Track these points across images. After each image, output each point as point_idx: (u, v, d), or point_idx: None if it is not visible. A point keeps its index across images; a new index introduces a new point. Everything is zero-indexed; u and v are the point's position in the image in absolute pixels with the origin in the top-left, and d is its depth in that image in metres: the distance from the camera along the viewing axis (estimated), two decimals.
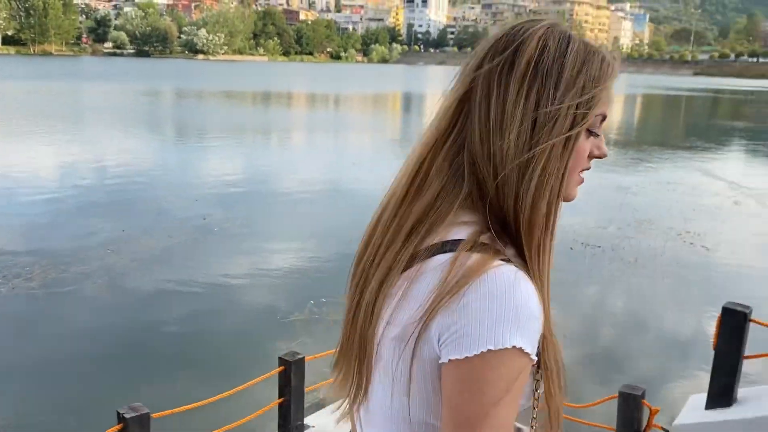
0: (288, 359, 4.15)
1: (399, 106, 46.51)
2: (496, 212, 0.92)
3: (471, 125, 0.92)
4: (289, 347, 6.75)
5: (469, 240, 0.89)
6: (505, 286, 0.85)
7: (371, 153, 21.65)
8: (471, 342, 0.83)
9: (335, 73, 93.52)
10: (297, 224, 12.23)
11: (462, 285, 0.85)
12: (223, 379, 6.03)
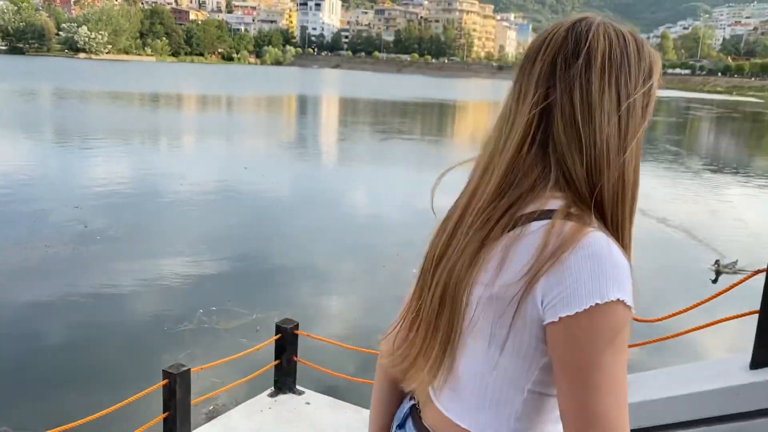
0: (172, 372, 3.99)
1: (294, 109, 46.14)
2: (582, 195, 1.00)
3: (554, 123, 1.00)
4: (177, 359, 6.52)
5: (562, 210, 0.97)
6: (602, 248, 0.93)
7: (264, 157, 21.33)
8: (578, 298, 0.91)
9: (227, 75, 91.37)
10: (186, 231, 11.83)
11: (563, 250, 0.92)
12: (105, 395, 5.72)
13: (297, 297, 8.72)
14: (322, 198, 15.39)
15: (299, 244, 11.35)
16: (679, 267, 11.14)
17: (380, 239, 11.76)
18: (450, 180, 1.17)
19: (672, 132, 42.70)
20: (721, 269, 10.40)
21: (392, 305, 7.35)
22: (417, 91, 74.64)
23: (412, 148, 26.43)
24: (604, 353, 0.91)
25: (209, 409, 5.48)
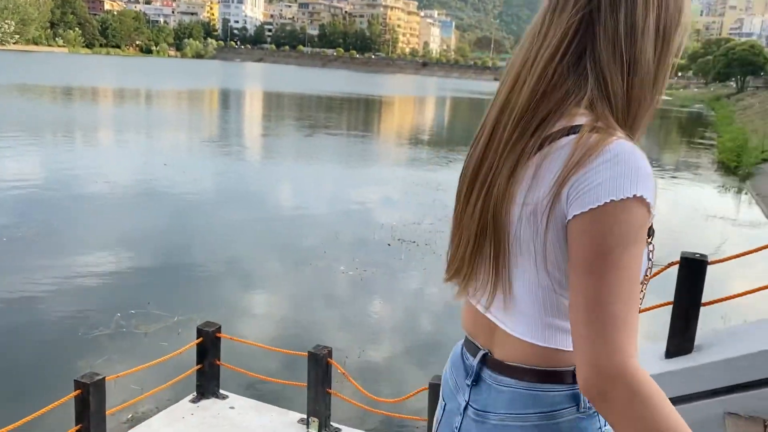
0: (85, 381, 3.80)
1: (216, 103, 45.08)
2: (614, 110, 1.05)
3: (596, 38, 1.05)
4: (93, 365, 6.23)
5: (589, 124, 1.02)
6: (626, 152, 0.98)
7: (185, 153, 20.73)
8: (593, 196, 0.96)
9: (146, 68, 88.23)
10: (103, 230, 11.33)
11: (588, 155, 0.98)
12: (14, 407, 5.40)
13: (220, 298, 8.51)
14: (246, 195, 15.09)
15: (222, 242, 11.08)
16: None
17: (306, 236, 11.64)
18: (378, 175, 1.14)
19: None
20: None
21: (319, 303, 7.36)
22: (342, 86, 74.45)
23: (338, 143, 26.33)
24: (616, 250, 0.94)
25: (128, 418, 5.25)
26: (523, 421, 1.11)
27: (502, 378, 1.15)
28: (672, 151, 33.05)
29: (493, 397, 1.16)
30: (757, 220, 15.67)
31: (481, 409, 1.17)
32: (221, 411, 4.70)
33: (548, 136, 1.04)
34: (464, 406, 1.21)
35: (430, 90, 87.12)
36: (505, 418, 1.13)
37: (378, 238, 11.64)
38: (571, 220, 0.98)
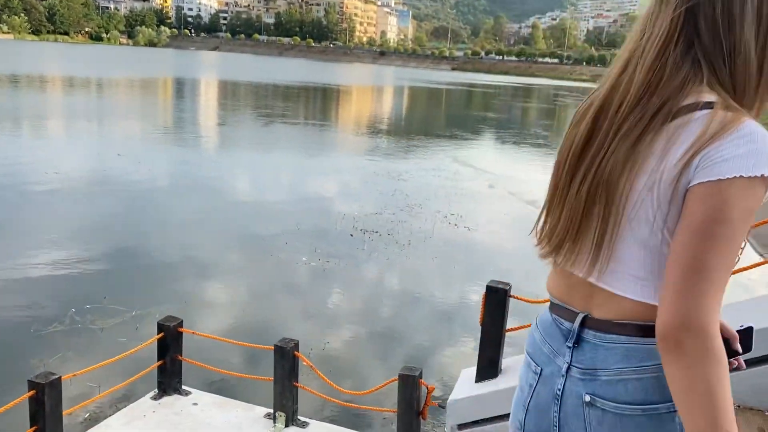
0: (40, 381, 3.62)
1: (170, 92, 44.07)
2: (728, 92, 1.14)
3: (700, 27, 1.13)
4: (47, 364, 6.00)
5: (721, 102, 1.10)
6: (759, 133, 1.06)
7: (139, 143, 20.18)
8: (724, 168, 1.04)
9: (96, 56, 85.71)
10: (54, 223, 10.93)
11: (724, 130, 1.06)
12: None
13: (179, 291, 8.30)
14: (203, 185, 14.79)
15: (179, 234, 10.82)
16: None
17: (265, 227, 11.46)
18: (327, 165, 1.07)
19: (543, 118, 45.00)
20: None
21: (281, 295, 7.24)
22: (299, 74, 73.71)
23: (296, 132, 26.05)
24: (733, 221, 1.04)
25: (85, 418, 5.07)
26: (641, 374, 1.18)
27: (609, 336, 1.22)
28: None
29: (601, 355, 1.22)
30: None
31: (589, 368, 1.23)
32: (184, 408, 4.57)
33: (680, 109, 1.12)
34: (566, 368, 1.27)
35: (388, 79, 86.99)
36: (621, 372, 1.19)
37: (340, 229, 11.54)
38: (695, 185, 1.07)
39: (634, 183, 1.14)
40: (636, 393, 1.18)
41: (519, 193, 16.16)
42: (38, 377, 3.69)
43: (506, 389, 3.53)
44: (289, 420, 4.39)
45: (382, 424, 5.34)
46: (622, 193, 1.15)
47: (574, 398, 1.25)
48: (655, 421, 1.18)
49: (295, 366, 4.35)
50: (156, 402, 4.61)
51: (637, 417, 1.18)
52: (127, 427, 4.30)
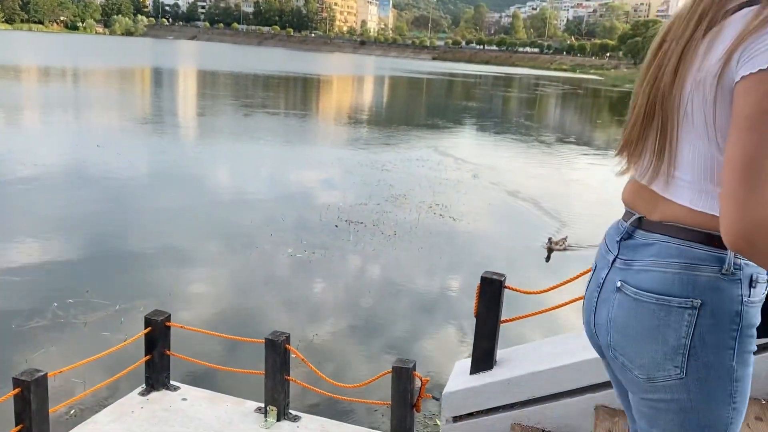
0: (25, 379, 3.53)
1: (149, 82, 43.48)
2: None
3: None
4: (30, 360, 5.89)
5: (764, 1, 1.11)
6: None
7: (119, 134, 19.88)
8: (765, 58, 1.05)
9: (72, 45, 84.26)
10: (33, 216, 10.72)
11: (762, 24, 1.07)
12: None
13: (163, 284, 8.18)
14: (185, 176, 14.61)
15: (162, 226, 10.68)
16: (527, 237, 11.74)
17: (250, 219, 11.34)
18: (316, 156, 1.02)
19: (524, 107, 45.14)
20: (553, 246, 10.49)
21: (268, 288, 7.15)
22: (280, 64, 73.12)
23: (277, 123, 25.84)
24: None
25: (71, 414, 4.97)
26: (666, 268, 1.27)
27: (652, 234, 1.32)
28: (607, 129, 33.95)
29: (640, 249, 1.33)
30: None
31: (628, 259, 1.35)
32: (173, 403, 4.49)
33: (726, 12, 1.14)
34: (612, 260, 1.39)
35: (369, 69, 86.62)
36: (649, 264, 1.30)
37: (325, 220, 11.46)
38: (739, 81, 1.09)
39: (683, 89, 1.20)
40: (655, 283, 1.28)
41: (502, 183, 16.18)
42: (23, 374, 3.59)
43: (502, 381, 3.51)
44: (280, 414, 4.34)
45: (376, 417, 5.30)
46: (674, 101, 1.22)
47: (610, 285, 1.38)
48: (664, 311, 1.27)
49: (286, 359, 4.29)
50: (144, 398, 4.53)
51: (650, 304, 1.28)
52: (115, 423, 4.22)
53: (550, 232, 11.67)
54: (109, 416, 4.31)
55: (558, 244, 10.55)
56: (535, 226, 12.27)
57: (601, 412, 3.29)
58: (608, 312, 1.37)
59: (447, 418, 3.69)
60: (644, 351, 1.30)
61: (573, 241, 10.83)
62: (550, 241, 10.63)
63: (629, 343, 1.33)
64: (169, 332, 4.60)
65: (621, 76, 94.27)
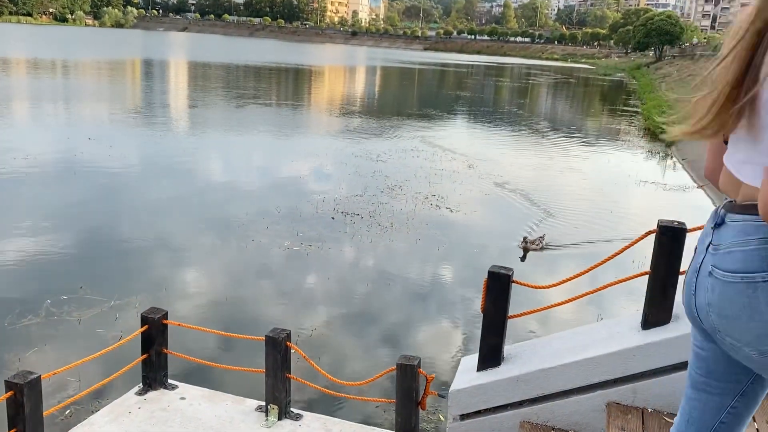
0: (18, 382, 3.41)
1: (139, 74, 43.07)
2: None
3: None
4: (23, 359, 5.77)
5: None
6: None
7: (110, 126, 19.65)
8: None
9: (62, 37, 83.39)
10: (24, 210, 10.54)
11: None
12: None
13: (158, 279, 8.06)
14: (177, 169, 14.44)
15: (155, 219, 10.54)
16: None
17: (244, 211, 11.21)
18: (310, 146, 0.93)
19: (516, 96, 45.01)
20: (529, 246, 9.86)
21: (265, 282, 7.00)
22: (271, 55, 72.63)
23: (270, 114, 25.63)
24: None
25: (67, 415, 4.86)
26: (744, 246, 1.37)
27: (735, 215, 1.42)
28: (599, 118, 33.90)
29: (726, 232, 1.43)
30: (686, 184, 16.21)
31: (717, 244, 1.45)
32: (171, 402, 4.39)
33: None
34: (707, 245, 1.49)
35: (361, 60, 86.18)
36: (731, 245, 1.40)
37: (321, 212, 11.34)
38: None
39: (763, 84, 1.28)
40: (738, 263, 1.38)
41: (497, 173, 16.09)
42: (16, 377, 3.47)
43: (510, 378, 3.42)
44: (282, 413, 4.24)
45: (380, 415, 5.22)
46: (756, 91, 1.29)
47: (705, 270, 1.48)
48: (751, 288, 1.35)
49: (287, 357, 4.19)
50: (141, 397, 4.42)
51: (737, 284, 1.38)
52: (113, 424, 4.11)
53: (543, 225, 11.60)
54: (106, 417, 4.20)
55: (534, 244, 9.90)
56: (531, 218, 12.19)
57: (614, 409, 3.21)
58: (705, 296, 1.47)
59: (454, 416, 3.60)
60: (746, 329, 1.39)
61: (551, 238, 10.30)
62: (525, 240, 10.02)
63: (730, 324, 1.42)
64: (166, 330, 4.48)
65: (612, 65, 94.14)
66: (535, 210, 12.70)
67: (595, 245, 10.38)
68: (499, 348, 3.53)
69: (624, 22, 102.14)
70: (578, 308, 7.57)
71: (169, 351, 4.52)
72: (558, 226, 11.43)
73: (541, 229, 11.14)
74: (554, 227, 11.34)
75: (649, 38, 79.91)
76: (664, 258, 3.18)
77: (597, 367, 3.25)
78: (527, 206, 13.00)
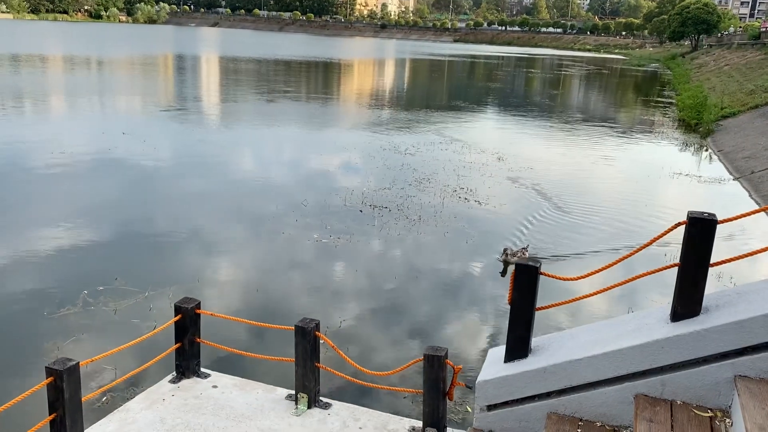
0: (58, 368, 3.53)
1: (172, 69, 43.65)
2: None
3: None
4: (62, 347, 5.94)
5: None
6: None
7: (144, 121, 20.00)
8: None
9: (96, 34, 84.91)
10: (62, 203, 10.82)
11: None
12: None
13: (190, 270, 8.21)
14: (209, 163, 14.64)
15: (187, 212, 10.71)
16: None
17: (274, 204, 11.32)
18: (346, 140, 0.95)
19: (547, 88, 44.48)
20: (509, 259, 8.84)
21: (295, 273, 7.08)
22: (301, 49, 72.92)
23: (299, 108, 25.77)
24: None
25: (103, 401, 5.00)
26: None
27: None
28: (633, 110, 33.33)
29: None
30: (721, 176, 15.89)
31: None
32: (204, 390, 4.49)
33: None
34: None
35: (390, 52, 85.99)
36: None
37: (349, 205, 11.40)
38: None
39: None
40: None
41: (528, 165, 15.96)
42: (56, 363, 3.60)
43: (537, 369, 3.43)
44: (311, 401, 4.31)
45: (407, 406, 5.26)
46: None
47: None
48: None
49: (316, 346, 4.25)
50: (175, 385, 4.53)
51: None
52: (147, 411, 4.22)
53: (571, 219, 11.49)
54: (141, 404, 4.32)
55: (515, 256, 8.86)
56: (561, 211, 12.08)
57: (642, 400, 3.20)
58: None
59: (481, 407, 3.62)
60: None
61: (535, 250, 9.37)
62: (505, 252, 9.03)
63: None
64: (199, 319, 4.59)
65: (646, 56, 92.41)
66: (564, 203, 12.58)
67: (618, 240, 10.26)
68: (527, 340, 3.54)
69: (659, 11, 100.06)
70: (608, 301, 7.50)
71: (201, 340, 4.62)
72: (584, 223, 11.33)
73: (568, 222, 11.05)
74: (581, 221, 11.24)
75: (685, 27, 78.17)
76: (694, 249, 3.15)
77: (625, 359, 3.24)
78: (557, 199, 12.88)
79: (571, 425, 3.33)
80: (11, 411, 3.52)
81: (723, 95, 28.75)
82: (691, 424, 3.02)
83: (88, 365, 4.24)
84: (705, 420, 3.04)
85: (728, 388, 3.06)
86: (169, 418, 4.16)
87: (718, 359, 3.09)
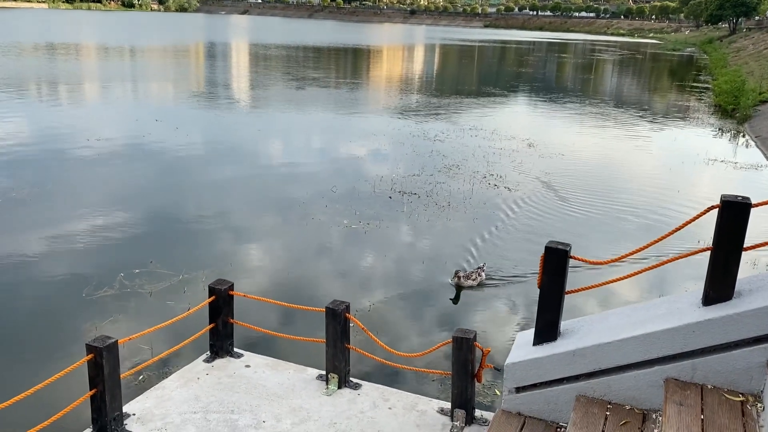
0: (98, 345, 3.65)
1: (203, 57, 44.06)
2: None
3: None
4: (100, 327, 6.11)
5: None
6: None
7: (176, 109, 20.27)
8: None
9: (129, 22, 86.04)
10: (98, 189, 11.07)
11: None
12: (21, 373, 5.29)
13: (223, 254, 8.35)
14: (240, 149, 14.80)
15: (219, 197, 10.87)
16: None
17: (304, 190, 11.42)
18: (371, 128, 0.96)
19: (579, 73, 43.83)
20: (462, 283, 7.57)
21: (325, 258, 7.17)
22: (330, 36, 72.94)
23: (329, 95, 25.84)
24: None
25: (140, 380, 5.15)
26: None
27: None
28: (667, 95, 32.69)
29: None
30: (758, 162, 15.55)
31: None
32: (237, 370, 4.60)
33: None
34: None
35: (419, 38, 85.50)
36: None
37: (378, 191, 11.45)
38: None
39: None
40: None
41: (559, 152, 15.80)
42: (95, 341, 3.72)
43: (566, 352, 3.44)
44: (341, 381, 4.39)
45: (436, 387, 5.31)
46: None
47: None
48: None
49: (346, 328, 4.32)
50: (209, 364, 4.65)
51: None
52: (183, 389, 4.34)
53: (603, 208, 11.36)
54: (176, 382, 4.45)
55: (469, 279, 7.66)
56: (592, 198, 11.96)
57: (672, 384, 3.20)
58: None
59: (509, 389, 3.65)
60: None
61: (495, 269, 8.18)
62: (457, 274, 7.67)
63: None
64: (232, 300, 4.69)
65: (682, 40, 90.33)
66: (595, 190, 12.46)
67: (649, 228, 10.13)
68: (556, 323, 3.55)
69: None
70: (638, 287, 7.44)
71: (234, 321, 4.73)
72: (616, 209, 11.21)
73: (599, 208, 10.95)
74: (613, 208, 11.13)
75: (723, 10, 76.25)
76: (727, 233, 3.12)
77: (655, 342, 3.23)
78: (588, 186, 12.76)
79: (599, 408, 3.35)
80: (54, 386, 3.66)
81: (762, 80, 28.03)
82: (722, 408, 3.01)
83: (125, 344, 4.36)
84: (736, 404, 3.03)
85: (760, 372, 3.04)
86: (204, 395, 4.27)
87: (750, 344, 3.06)
